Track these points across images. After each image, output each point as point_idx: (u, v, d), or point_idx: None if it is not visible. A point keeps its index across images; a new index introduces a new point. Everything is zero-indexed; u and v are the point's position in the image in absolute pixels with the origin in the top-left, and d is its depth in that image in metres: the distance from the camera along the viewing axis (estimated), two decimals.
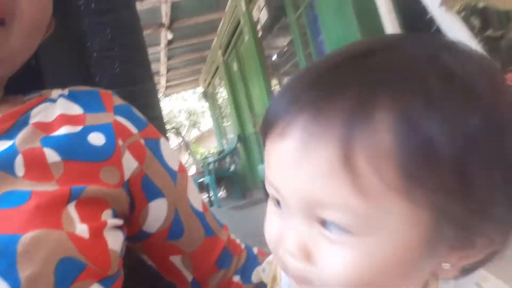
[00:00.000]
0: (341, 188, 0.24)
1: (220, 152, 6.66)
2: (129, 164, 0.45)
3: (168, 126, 10.93)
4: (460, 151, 0.23)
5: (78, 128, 0.43)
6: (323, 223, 0.26)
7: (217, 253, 0.53)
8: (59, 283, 0.32)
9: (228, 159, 6.42)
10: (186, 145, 9.68)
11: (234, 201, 5.55)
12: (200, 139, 13.03)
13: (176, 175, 0.50)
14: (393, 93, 0.24)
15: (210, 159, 7.10)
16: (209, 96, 7.43)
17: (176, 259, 0.51)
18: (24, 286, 0.31)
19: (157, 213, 0.48)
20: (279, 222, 0.30)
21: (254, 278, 0.55)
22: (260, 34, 4.35)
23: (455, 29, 1.22)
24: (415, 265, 0.26)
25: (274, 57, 5.95)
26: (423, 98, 0.23)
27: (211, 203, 5.82)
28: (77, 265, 0.34)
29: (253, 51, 4.24)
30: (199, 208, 0.53)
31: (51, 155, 0.39)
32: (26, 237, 0.32)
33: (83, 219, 0.37)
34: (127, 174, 0.45)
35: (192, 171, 8.74)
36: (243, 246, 0.58)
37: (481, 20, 1.31)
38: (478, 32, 1.24)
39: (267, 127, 0.29)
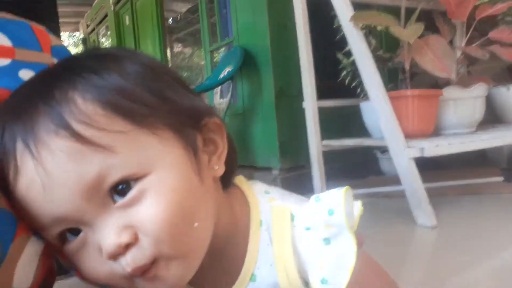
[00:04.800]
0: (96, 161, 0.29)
1: None
2: None
3: None
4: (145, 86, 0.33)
5: (7, 61, 0.36)
6: (116, 201, 0.30)
7: None
8: None
9: None
10: None
11: None
12: None
13: None
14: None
15: None
16: (90, 44, 6.69)
17: None
18: None
19: None
20: (95, 259, 0.31)
21: None
22: None
23: (356, 43, 1.39)
24: (200, 179, 0.33)
25: (170, 21, 5.67)
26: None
27: None
28: None
29: (152, 9, 3.97)
30: None
31: None
32: None
33: None
34: None
35: None
36: None
37: (376, 41, 1.53)
38: (373, 50, 1.44)
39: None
